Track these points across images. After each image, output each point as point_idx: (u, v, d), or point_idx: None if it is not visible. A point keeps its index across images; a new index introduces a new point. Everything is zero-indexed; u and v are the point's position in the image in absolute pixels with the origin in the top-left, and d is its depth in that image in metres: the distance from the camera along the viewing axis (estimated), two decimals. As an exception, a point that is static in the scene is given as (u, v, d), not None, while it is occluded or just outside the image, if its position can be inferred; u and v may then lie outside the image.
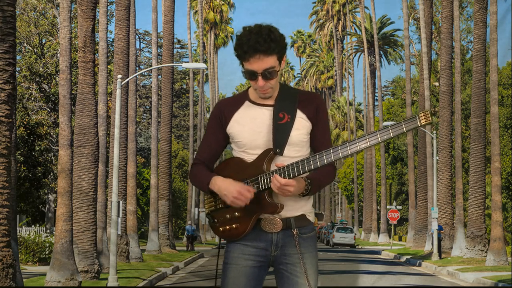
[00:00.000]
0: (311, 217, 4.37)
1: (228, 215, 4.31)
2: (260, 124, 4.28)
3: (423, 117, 3.94)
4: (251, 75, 4.20)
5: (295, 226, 4.29)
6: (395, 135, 3.99)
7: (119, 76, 23.15)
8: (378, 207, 79.13)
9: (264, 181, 4.20)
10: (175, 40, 74.09)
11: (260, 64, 4.16)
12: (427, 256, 38.22)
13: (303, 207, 4.33)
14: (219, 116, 4.36)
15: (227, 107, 4.36)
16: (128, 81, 28.10)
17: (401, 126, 3.99)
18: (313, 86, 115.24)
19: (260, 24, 4.18)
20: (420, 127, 3.99)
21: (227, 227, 4.31)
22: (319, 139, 4.32)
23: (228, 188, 4.20)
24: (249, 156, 4.30)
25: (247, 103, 4.35)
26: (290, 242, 4.29)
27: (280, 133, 4.23)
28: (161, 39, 66.32)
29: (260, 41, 4.12)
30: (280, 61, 4.23)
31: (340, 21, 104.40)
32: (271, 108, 4.30)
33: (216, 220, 4.35)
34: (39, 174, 38.33)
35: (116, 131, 22.15)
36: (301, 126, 4.28)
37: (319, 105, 4.32)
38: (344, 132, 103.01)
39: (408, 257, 40.33)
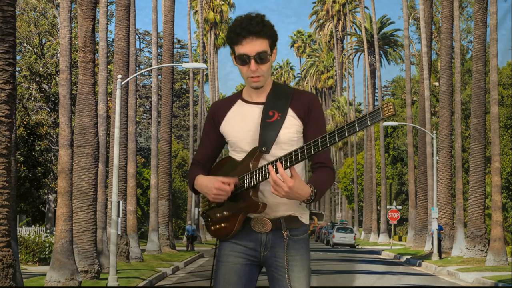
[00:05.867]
0: (304, 219, 4.27)
1: (218, 214, 4.28)
2: (250, 122, 4.23)
3: (385, 109, 3.72)
4: (243, 59, 4.13)
5: (286, 227, 4.21)
6: (360, 128, 3.78)
7: (119, 76, 23.15)
8: (378, 207, 79.10)
9: (249, 179, 4.12)
10: (175, 40, 74.17)
11: (253, 46, 4.12)
12: (427, 256, 38.21)
13: (295, 208, 4.24)
14: (213, 117, 4.35)
15: (221, 107, 4.34)
16: (128, 81, 28.09)
17: (366, 120, 3.77)
18: (313, 86, 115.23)
19: (251, 12, 4.18)
20: (384, 119, 3.79)
21: (217, 226, 4.29)
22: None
23: (208, 186, 4.18)
24: (239, 155, 4.25)
25: (239, 101, 4.31)
26: (280, 244, 4.22)
27: (268, 131, 4.15)
28: (161, 39, 66.31)
29: (253, 23, 4.10)
30: (272, 50, 4.18)
31: (340, 21, 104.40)
32: (262, 106, 4.24)
33: (210, 219, 4.34)
34: (39, 174, 38.33)
35: (116, 131, 22.16)
36: (291, 124, 4.17)
37: (312, 104, 4.20)
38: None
39: (408, 257, 40.32)
